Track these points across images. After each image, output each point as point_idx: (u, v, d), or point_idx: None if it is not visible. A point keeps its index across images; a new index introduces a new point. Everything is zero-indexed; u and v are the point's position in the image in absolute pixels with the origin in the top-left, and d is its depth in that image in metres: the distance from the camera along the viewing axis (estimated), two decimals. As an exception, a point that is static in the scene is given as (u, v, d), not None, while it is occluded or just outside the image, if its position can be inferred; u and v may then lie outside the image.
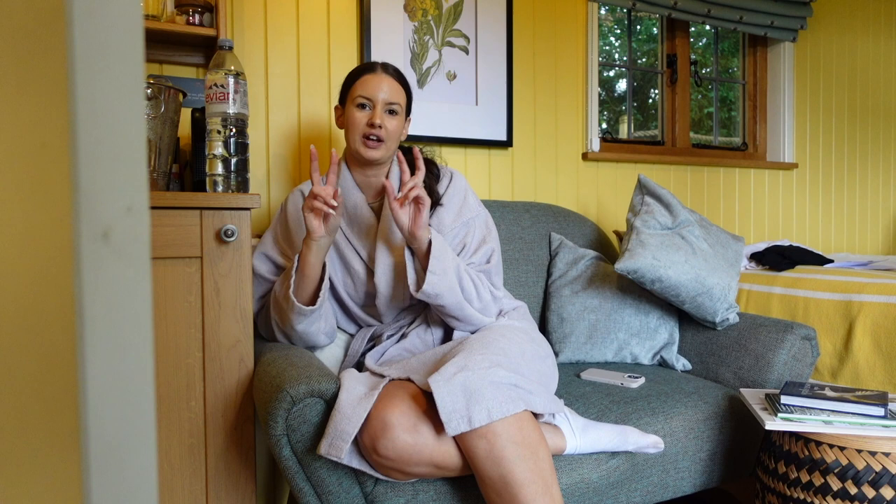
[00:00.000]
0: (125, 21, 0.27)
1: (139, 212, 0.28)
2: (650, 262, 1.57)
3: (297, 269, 1.25)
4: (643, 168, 2.45)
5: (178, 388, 1.21)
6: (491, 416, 0.98)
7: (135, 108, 0.28)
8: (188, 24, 1.51)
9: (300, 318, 1.26)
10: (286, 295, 1.24)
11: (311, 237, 1.23)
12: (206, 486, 1.24)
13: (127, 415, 0.28)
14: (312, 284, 1.27)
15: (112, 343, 0.27)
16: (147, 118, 1.29)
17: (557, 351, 1.74)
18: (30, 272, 0.30)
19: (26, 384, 0.31)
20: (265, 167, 1.82)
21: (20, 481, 0.32)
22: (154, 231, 1.16)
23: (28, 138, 0.29)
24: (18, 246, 0.31)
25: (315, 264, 1.25)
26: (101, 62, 0.27)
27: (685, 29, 2.59)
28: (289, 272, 1.26)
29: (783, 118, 2.76)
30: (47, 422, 0.29)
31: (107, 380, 0.27)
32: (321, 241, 1.23)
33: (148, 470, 0.29)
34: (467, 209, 1.38)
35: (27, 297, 0.31)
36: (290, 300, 1.23)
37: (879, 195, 3.09)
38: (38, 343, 0.30)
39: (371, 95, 1.31)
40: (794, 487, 1.19)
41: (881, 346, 1.66)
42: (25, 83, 0.29)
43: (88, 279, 0.27)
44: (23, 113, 0.30)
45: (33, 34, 0.28)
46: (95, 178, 0.27)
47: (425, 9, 1.99)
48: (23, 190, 0.30)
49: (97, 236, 0.27)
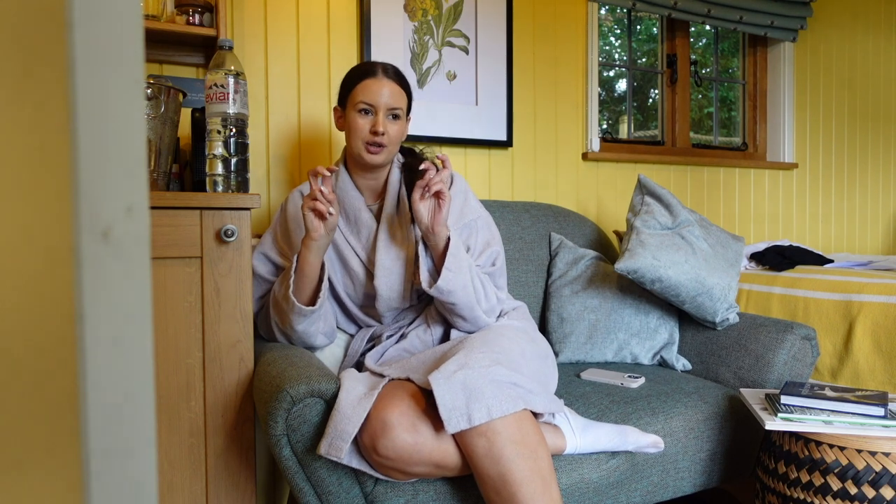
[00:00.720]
0: (125, 21, 0.27)
1: (139, 212, 0.28)
2: (650, 262, 1.57)
3: (296, 268, 1.25)
4: (643, 168, 2.45)
5: (178, 388, 1.21)
6: (491, 415, 0.98)
7: (135, 108, 0.28)
8: (188, 24, 1.51)
9: (300, 318, 1.26)
10: (286, 295, 1.24)
11: (310, 236, 1.23)
12: (206, 486, 1.24)
13: (127, 415, 0.28)
14: (312, 284, 1.27)
15: (112, 343, 0.27)
16: (147, 118, 1.29)
17: (557, 351, 1.74)
18: (30, 272, 0.30)
19: (26, 384, 0.31)
20: (265, 167, 1.82)
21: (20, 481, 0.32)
22: (154, 231, 1.16)
23: (28, 138, 0.29)
24: (18, 246, 0.31)
25: (314, 263, 1.25)
26: (101, 62, 0.27)
27: (685, 29, 2.59)
28: (288, 272, 1.26)
29: (783, 118, 2.76)
30: (47, 422, 0.29)
31: (107, 380, 0.27)
32: (320, 240, 1.23)
33: (148, 470, 0.29)
34: (469, 211, 1.38)
35: (27, 297, 0.31)
36: (290, 300, 1.23)
37: (879, 195, 3.09)
38: (38, 343, 0.30)
39: (373, 101, 1.29)
40: (794, 487, 1.19)
41: (881, 346, 1.66)
42: (25, 83, 0.29)
43: (88, 279, 0.27)
44: (23, 113, 0.30)
45: (33, 34, 0.28)
46: (95, 178, 0.27)
47: (425, 9, 1.99)
48: (23, 190, 0.30)
49: (97, 236, 0.27)
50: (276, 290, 1.29)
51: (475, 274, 1.27)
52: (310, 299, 1.28)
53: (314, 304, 1.26)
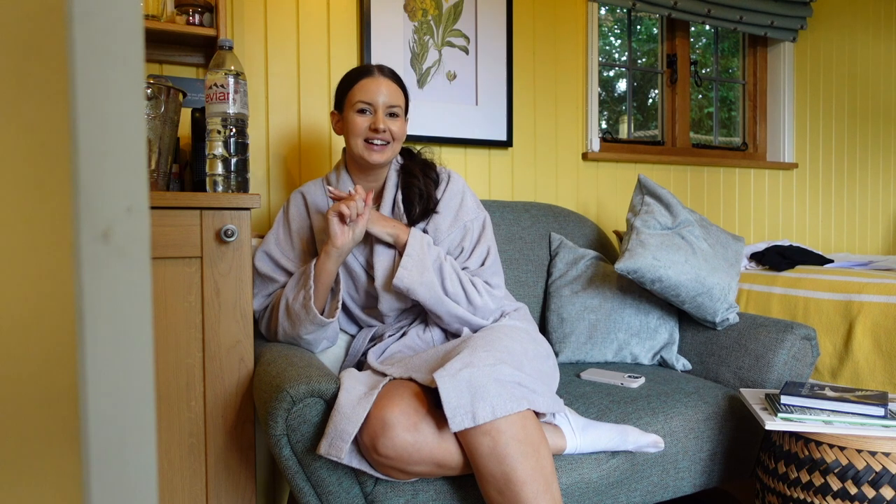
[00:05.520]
0: (125, 21, 0.27)
1: (139, 212, 0.28)
2: (650, 262, 1.57)
3: (314, 277, 1.24)
4: (643, 168, 2.45)
5: (178, 388, 1.21)
6: (495, 413, 0.98)
7: (135, 108, 0.28)
8: (188, 24, 1.51)
9: (314, 327, 1.26)
10: (306, 305, 1.23)
11: (332, 243, 1.22)
12: (206, 486, 1.24)
13: (127, 415, 0.28)
14: (326, 292, 1.27)
15: (112, 343, 0.27)
16: (147, 118, 1.29)
17: (557, 351, 1.74)
18: (30, 272, 0.30)
19: (26, 384, 0.31)
20: (265, 167, 1.82)
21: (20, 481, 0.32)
22: (154, 231, 1.16)
23: (28, 138, 0.29)
24: (18, 246, 0.31)
25: (332, 272, 1.25)
26: (101, 62, 0.27)
27: (685, 29, 2.59)
28: (306, 280, 1.25)
29: (783, 118, 2.76)
30: (47, 422, 0.29)
31: (107, 380, 0.27)
32: (343, 248, 1.23)
33: (148, 470, 0.29)
34: (464, 212, 1.38)
35: (27, 297, 0.31)
36: (310, 310, 1.23)
37: (879, 195, 3.09)
38: (38, 343, 0.30)
39: (371, 100, 1.30)
40: (794, 487, 1.19)
41: (881, 346, 1.66)
42: (25, 83, 0.29)
43: (88, 279, 0.27)
44: (23, 113, 0.30)
45: (33, 34, 0.28)
46: (95, 178, 0.27)
47: (425, 9, 1.99)
48: (23, 190, 0.30)
49: (97, 236, 0.27)
50: (290, 298, 1.27)
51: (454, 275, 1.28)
52: (323, 308, 1.28)
53: (332, 316, 1.26)
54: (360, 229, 1.23)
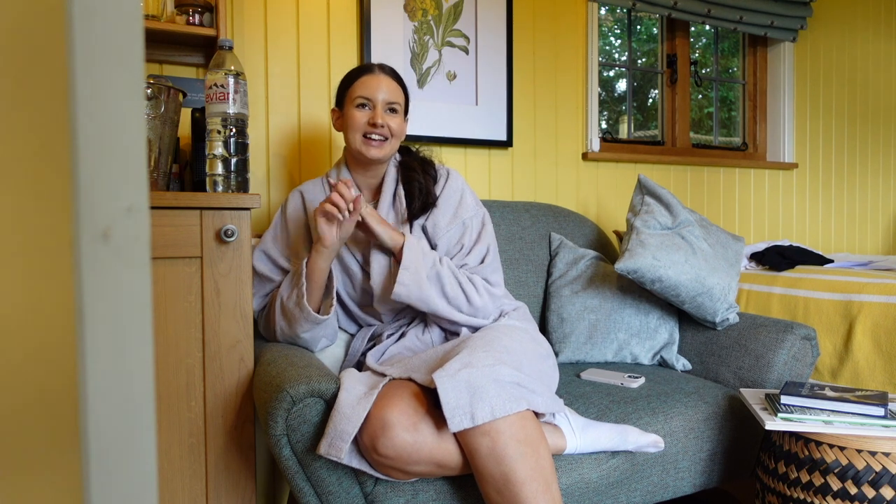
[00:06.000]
0: (125, 21, 0.27)
1: (139, 212, 0.28)
2: (650, 262, 1.57)
3: (306, 275, 1.24)
4: (643, 168, 2.45)
5: (178, 388, 1.21)
6: (494, 414, 0.98)
7: (135, 108, 0.28)
8: (188, 24, 1.51)
9: (310, 325, 1.26)
10: (299, 303, 1.24)
11: (321, 242, 1.22)
12: (206, 486, 1.24)
13: (127, 415, 0.28)
14: (320, 290, 1.27)
15: (112, 343, 0.27)
16: (147, 118, 1.29)
17: (557, 351, 1.74)
18: (30, 272, 0.30)
19: (26, 384, 0.31)
20: (265, 167, 1.82)
21: (20, 482, 0.32)
22: (154, 231, 1.16)
23: (28, 138, 0.29)
24: (18, 246, 0.31)
25: (324, 269, 1.25)
26: (101, 62, 0.27)
27: (685, 29, 2.59)
28: (298, 279, 1.25)
29: (783, 118, 2.76)
30: (47, 422, 0.29)
31: (107, 380, 0.27)
32: (331, 246, 1.23)
33: (148, 470, 0.29)
34: (464, 209, 1.38)
35: (27, 297, 0.31)
36: (304, 308, 1.23)
37: (879, 195, 3.09)
38: (38, 343, 0.30)
39: (370, 95, 1.31)
40: (794, 487, 1.19)
41: (881, 346, 1.66)
42: (25, 83, 0.29)
43: (88, 279, 0.27)
44: (23, 113, 0.30)
45: (33, 34, 0.28)
46: (95, 178, 0.27)
47: (425, 9, 1.98)
48: (23, 190, 0.30)
49: (97, 236, 0.27)
50: (284, 297, 1.28)
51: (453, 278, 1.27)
52: (318, 306, 1.28)
53: (327, 313, 1.26)
54: (346, 228, 1.22)
